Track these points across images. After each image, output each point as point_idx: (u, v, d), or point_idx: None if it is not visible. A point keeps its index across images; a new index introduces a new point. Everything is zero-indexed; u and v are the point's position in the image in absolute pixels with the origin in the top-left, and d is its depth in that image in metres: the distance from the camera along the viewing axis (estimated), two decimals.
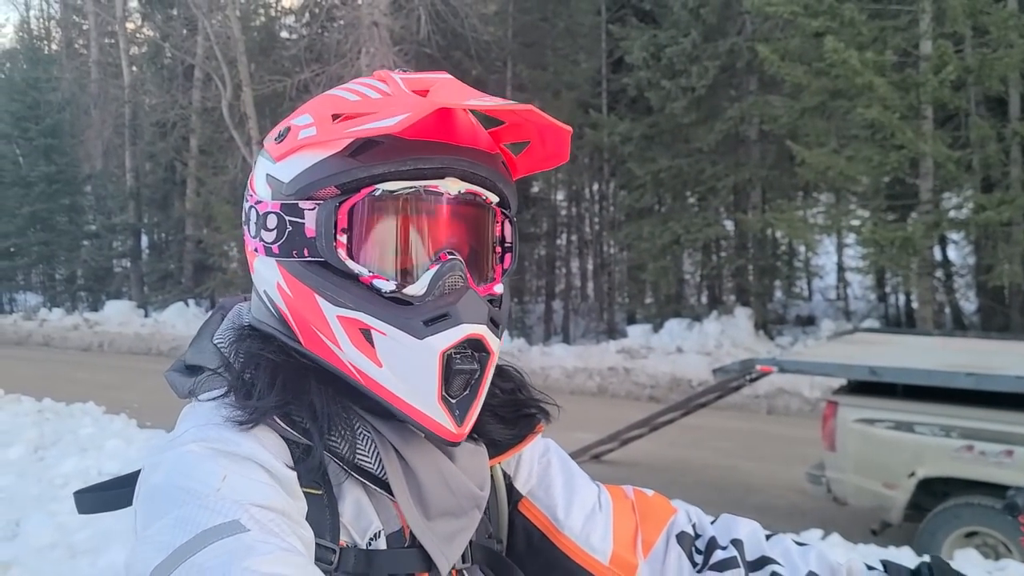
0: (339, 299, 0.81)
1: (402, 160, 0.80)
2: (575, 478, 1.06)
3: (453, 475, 0.88)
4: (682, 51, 14.40)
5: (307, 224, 0.82)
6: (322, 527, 0.81)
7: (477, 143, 0.85)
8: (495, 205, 0.89)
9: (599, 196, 20.75)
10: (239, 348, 0.89)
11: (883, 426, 5.21)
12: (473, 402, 0.84)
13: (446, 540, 0.87)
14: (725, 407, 9.57)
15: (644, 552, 1.02)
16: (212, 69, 20.48)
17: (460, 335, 0.80)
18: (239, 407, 0.81)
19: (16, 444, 6.99)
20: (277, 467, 0.78)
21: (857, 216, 14.08)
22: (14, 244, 25.30)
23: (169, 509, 0.71)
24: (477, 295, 0.83)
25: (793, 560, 0.98)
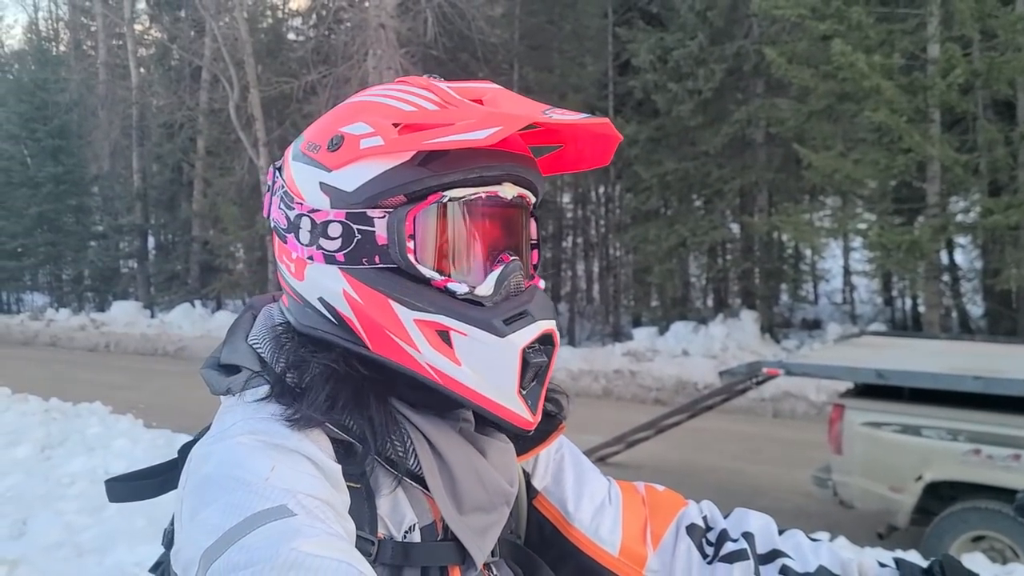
0: (416, 303, 0.84)
1: (469, 168, 0.84)
2: (586, 472, 1.08)
3: (486, 471, 0.91)
4: (689, 54, 14.39)
5: (378, 232, 0.84)
6: (362, 519, 0.84)
7: (524, 148, 0.90)
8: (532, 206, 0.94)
9: (605, 199, 20.75)
10: (282, 350, 0.90)
11: (890, 429, 5.19)
12: (541, 391, 0.89)
13: (479, 534, 0.90)
14: (731, 410, 9.55)
15: (653, 544, 1.04)
16: (219, 71, 20.54)
17: (538, 331, 0.86)
18: (289, 407, 0.84)
19: (23, 443, 7.02)
20: (323, 460, 0.80)
21: (864, 220, 14.05)
22: (21, 244, 25.42)
23: (219, 496, 0.74)
24: (544, 293, 0.90)
25: (804, 554, 0.99)
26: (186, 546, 0.74)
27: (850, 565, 0.97)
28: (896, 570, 0.95)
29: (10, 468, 6.41)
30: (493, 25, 17.35)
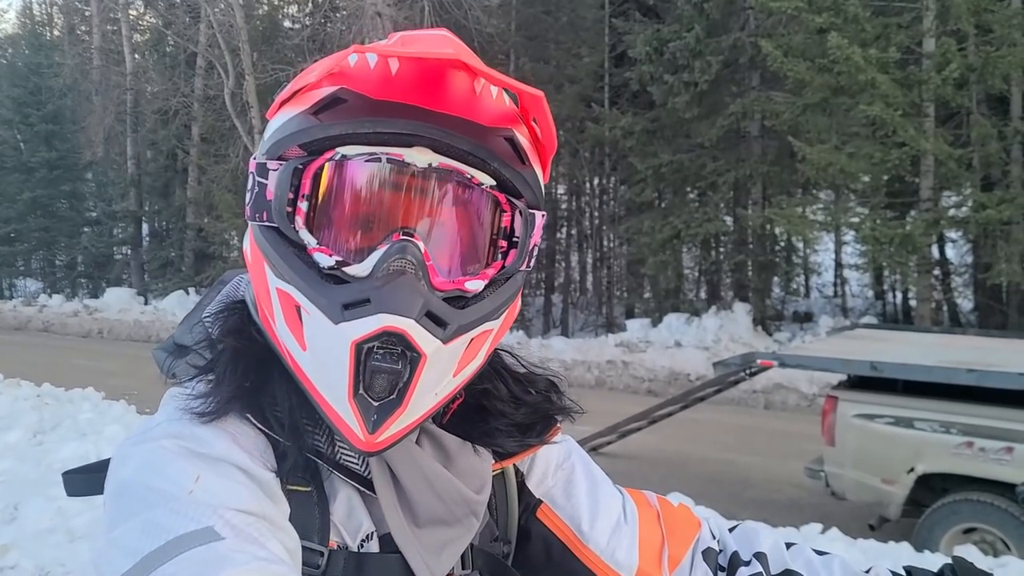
0: (280, 269, 0.73)
1: (361, 121, 0.71)
2: (599, 485, 0.99)
3: (441, 480, 0.80)
4: (685, 46, 14.37)
5: (269, 186, 0.74)
6: (309, 528, 0.76)
7: (468, 112, 0.73)
8: (492, 189, 0.76)
9: (599, 190, 20.75)
10: (220, 325, 0.82)
11: (883, 422, 5.22)
12: (397, 409, 0.72)
13: (434, 551, 0.80)
14: (723, 402, 9.58)
15: (670, 569, 0.96)
16: (215, 57, 20.44)
17: (376, 326, 0.69)
18: (203, 396, 0.76)
19: (15, 428, 7.00)
20: (254, 468, 0.73)
21: (857, 213, 14.10)
22: (14, 230, 25.32)
23: (138, 510, 0.67)
24: (413, 282, 0.71)
25: (817, 571, 0.94)
26: (103, 564, 0.67)
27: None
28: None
29: (2, 453, 6.38)
30: (490, 15, 17.29)
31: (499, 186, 0.77)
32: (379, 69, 0.71)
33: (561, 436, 1.00)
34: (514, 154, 0.76)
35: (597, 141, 17.53)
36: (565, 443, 1.01)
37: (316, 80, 0.73)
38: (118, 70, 24.38)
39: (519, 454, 0.91)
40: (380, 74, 0.71)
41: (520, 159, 0.77)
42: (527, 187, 0.78)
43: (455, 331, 0.73)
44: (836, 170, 12.14)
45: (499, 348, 0.91)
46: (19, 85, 25.54)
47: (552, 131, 0.78)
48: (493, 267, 0.78)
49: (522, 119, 0.78)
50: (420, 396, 0.73)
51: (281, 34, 21.19)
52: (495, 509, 0.93)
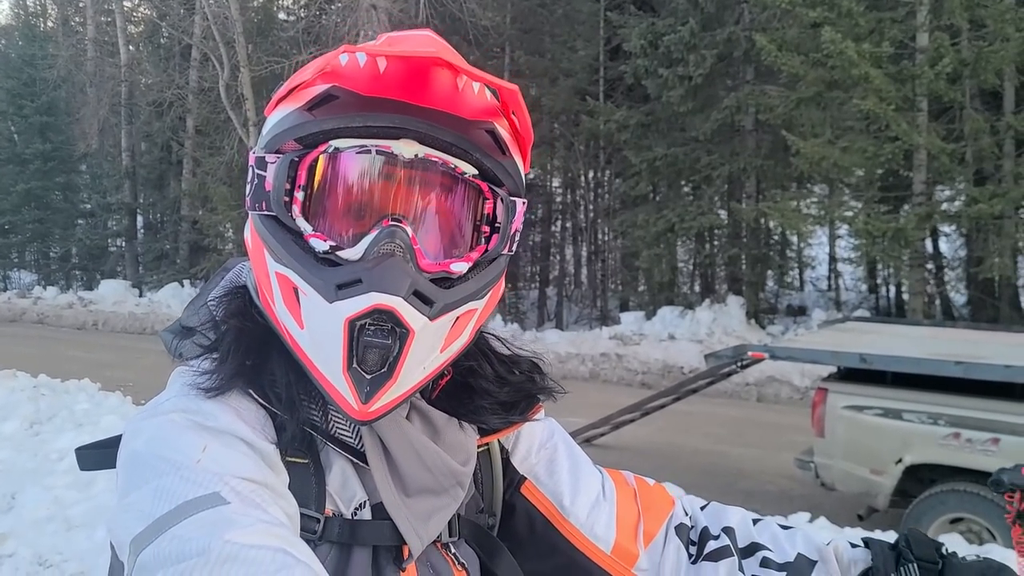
0: (279, 254, 0.79)
1: (352, 116, 0.77)
2: (580, 465, 1.04)
3: (429, 452, 0.86)
4: (680, 39, 14.40)
5: (268, 177, 0.80)
6: (307, 496, 0.81)
7: (451, 107, 0.78)
8: (475, 178, 0.82)
9: (594, 183, 20.78)
10: (224, 308, 0.88)
11: (871, 413, 5.28)
12: (387, 382, 0.77)
13: (422, 518, 0.85)
14: (715, 394, 9.65)
15: (645, 543, 1.01)
16: (210, 49, 20.39)
17: (367, 304, 0.74)
18: (208, 373, 0.81)
19: (12, 419, 7.02)
20: (255, 440, 0.78)
21: (850, 207, 14.16)
22: (9, 222, 25.30)
23: (149, 478, 0.72)
24: (401, 264, 0.76)
25: (781, 544, 0.99)
26: (117, 527, 0.72)
27: (825, 549, 0.97)
28: (866, 549, 0.96)
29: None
30: (485, 7, 17.29)
31: (481, 175, 0.82)
32: (368, 67, 0.76)
33: (545, 418, 1.05)
34: (495, 145, 0.82)
35: (592, 134, 17.55)
36: (548, 424, 1.06)
37: (310, 78, 0.78)
38: (112, 61, 24.31)
39: (503, 430, 0.97)
40: (369, 72, 0.76)
41: (501, 150, 0.82)
42: (508, 176, 0.84)
43: (441, 309, 0.78)
44: (829, 164, 12.20)
45: (485, 331, 0.98)
46: (13, 76, 25.45)
47: (528, 123, 0.83)
48: (477, 251, 0.83)
49: (502, 112, 0.82)
50: (409, 369, 0.78)
51: (276, 26, 21.16)
52: (481, 483, 0.98)
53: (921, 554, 0.91)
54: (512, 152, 0.85)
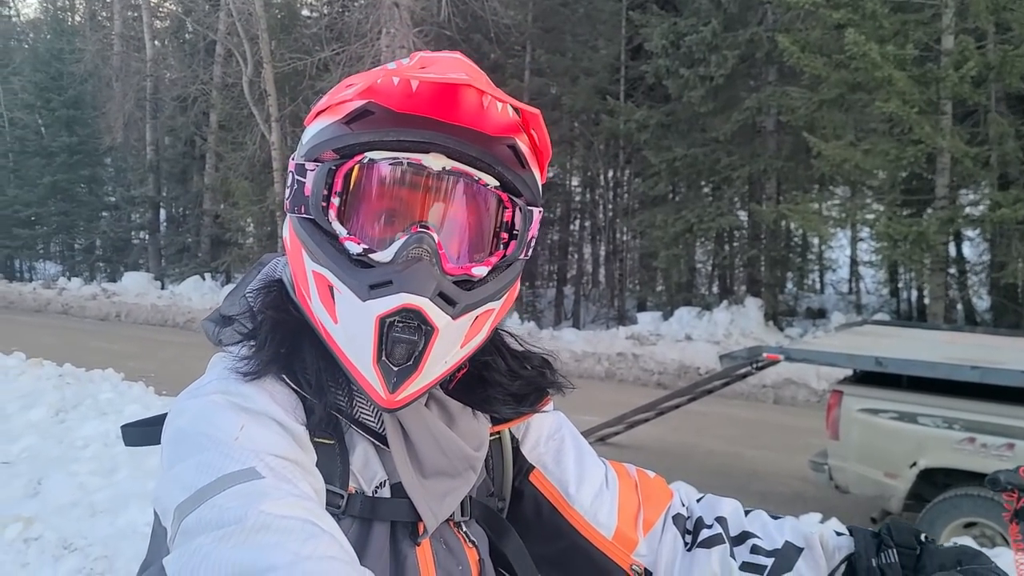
0: (316, 255, 0.86)
1: (386, 131, 0.84)
2: (585, 456, 1.11)
3: (445, 437, 0.93)
4: (702, 40, 14.37)
5: (307, 184, 0.87)
6: (332, 474, 0.88)
7: (477, 124, 0.86)
8: (496, 189, 0.89)
9: (614, 183, 20.77)
10: (261, 300, 0.95)
11: (887, 416, 5.28)
12: (413, 374, 0.84)
13: (437, 497, 0.92)
14: (732, 396, 9.65)
15: (644, 530, 1.08)
16: (234, 45, 20.57)
17: (397, 303, 0.81)
18: (246, 359, 0.89)
19: (38, 406, 7.17)
20: (288, 422, 0.85)
21: (872, 210, 14.07)
22: (35, 213, 25.60)
23: (192, 452, 0.79)
24: (428, 267, 0.83)
25: (770, 532, 1.05)
26: (163, 496, 0.79)
27: (812, 537, 1.03)
28: (850, 536, 1.02)
29: (25, 430, 6.56)
30: (507, 6, 17.34)
31: (502, 186, 0.90)
32: (402, 87, 0.83)
33: (554, 411, 1.13)
34: (515, 159, 0.89)
35: (612, 134, 17.55)
36: (557, 417, 1.14)
37: (350, 96, 0.86)
38: (138, 57, 24.59)
39: (513, 420, 1.04)
40: (403, 91, 0.83)
41: (520, 164, 0.90)
42: (526, 187, 0.91)
43: (463, 309, 0.86)
44: (851, 166, 12.14)
45: (500, 328, 1.05)
46: (41, 70, 25.75)
47: (547, 140, 0.91)
48: (496, 255, 0.91)
49: (523, 129, 0.89)
50: (433, 363, 0.86)
51: (299, 23, 21.28)
52: (492, 469, 1.06)
53: (901, 540, 0.97)
54: (531, 166, 0.92)
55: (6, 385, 8.19)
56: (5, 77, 26.87)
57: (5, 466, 5.75)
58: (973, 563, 0.91)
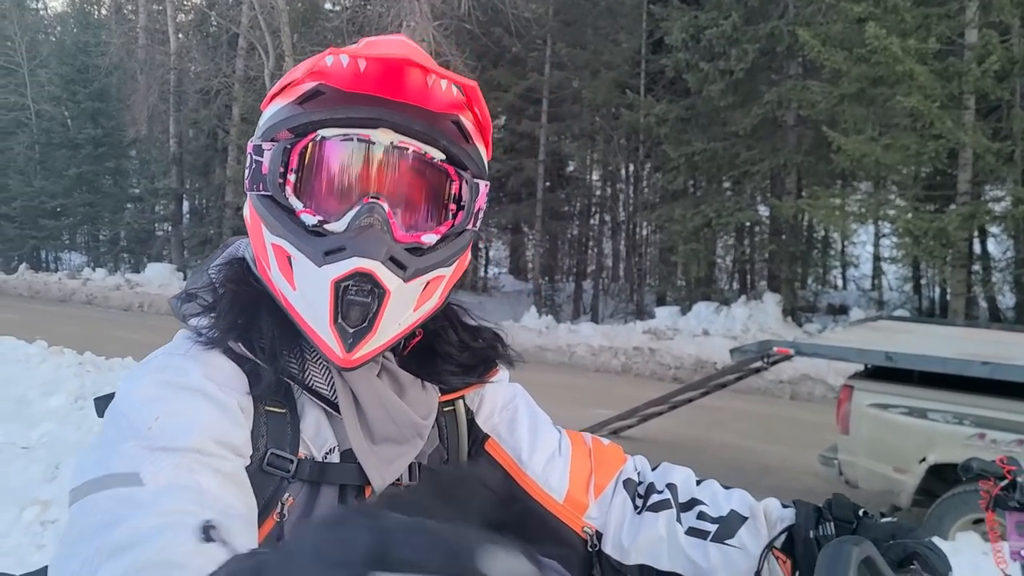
0: (273, 228, 0.91)
1: (336, 109, 0.89)
2: (539, 424, 1.16)
3: (395, 406, 0.97)
4: (722, 33, 14.30)
5: (264, 162, 0.92)
6: (282, 441, 0.93)
7: (422, 101, 0.90)
8: (442, 162, 0.93)
9: (633, 177, 20.73)
10: (223, 275, 1.00)
11: (897, 411, 5.26)
12: (368, 334, 0.90)
13: (385, 462, 0.97)
14: (748, 391, 9.63)
15: (595, 494, 1.13)
16: (256, 39, 20.73)
17: (350, 267, 0.86)
18: (206, 328, 0.93)
19: (58, 393, 7.30)
20: (219, 395, 0.88)
21: (894, 206, 13.95)
22: (61, 204, 25.91)
23: (107, 437, 0.82)
24: (379, 234, 0.88)
25: (718, 501, 1.09)
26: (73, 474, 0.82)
27: (756, 507, 1.07)
28: (794, 508, 1.06)
29: (45, 416, 6.69)
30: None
31: (448, 160, 0.94)
32: (350, 67, 0.88)
33: (510, 383, 1.19)
34: (460, 134, 0.94)
35: (632, 128, 17.52)
36: (512, 388, 1.19)
37: (300, 77, 0.91)
38: (162, 50, 24.80)
39: (461, 390, 1.09)
40: (351, 71, 0.88)
41: (465, 138, 0.95)
42: (471, 161, 0.96)
43: (413, 273, 0.91)
44: (871, 161, 12.04)
45: (454, 303, 1.10)
46: (67, 63, 26.06)
47: (488, 115, 0.97)
48: (445, 225, 0.95)
49: (467, 106, 0.94)
50: (386, 324, 0.91)
51: (321, 16, 21.41)
52: (447, 439, 1.11)
53: (839, 514, 1.02)
54: (475, 140, 0.97)
55: (28, 372, 8.35)
56: (33, 70, 27.18)
57: (24, 451, 5.87)
58: (907, 537, 0.95)
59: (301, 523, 0.92)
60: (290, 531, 0.92)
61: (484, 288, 23.29)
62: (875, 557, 0.75)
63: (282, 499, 0.92)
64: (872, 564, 0.76)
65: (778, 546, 1.04)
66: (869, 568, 0.76)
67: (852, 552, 0.71)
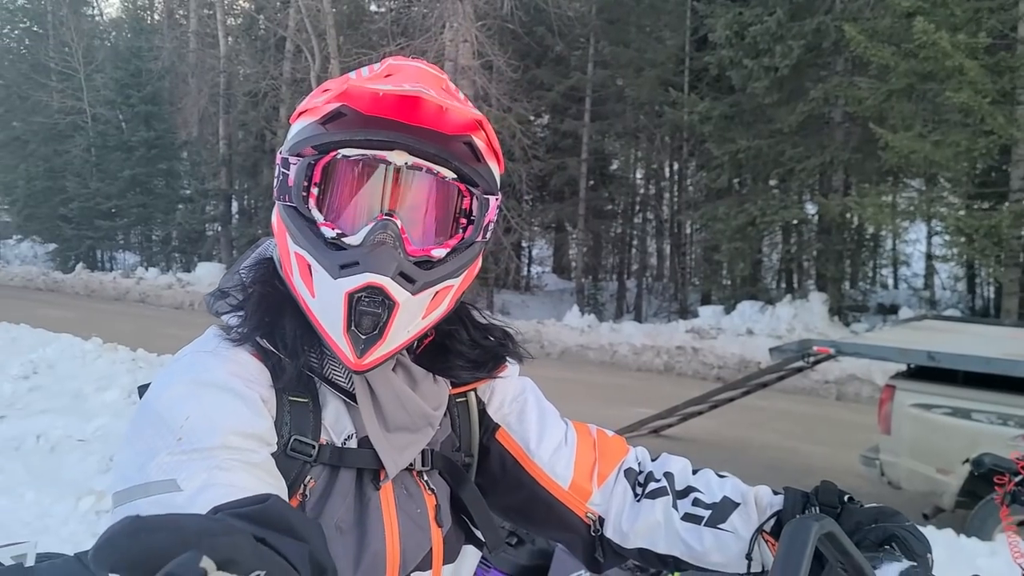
0: (296, 237, 0.98)
1: (355, 131, 0.96)
2: (547, 416, 1.24)
3: (407, 397, 1.04)
4: (766, 30, 14.14)
5: (290, 175, 0.99)
6: (305, 428, 1.00)
7: (436, 125, 0.97)
8: (454, 180, 1.00)
9: (677, 175, 20.59)
10: (252, 276, 1.08)
11: (940, 412, 5.19)
12: (378, 341, 0.96)
13: (398, 449, 1.04)
14: (792, 391, 9.54)
15: (599, 482, 1.20)
16: (302, 41, 21.06)
17: (362, 281, 0.93)
18: (235, 327, 1.02)
19: (112, 388, 7.55)
20: (244, 390, 0.95)
21: (946, 203, 13.66)
22: (115, 205, 26.56)
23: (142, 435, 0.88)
24: (391, 251, 0.95)
25: (712, 488, 1.17)
26: (115, 469, 0.88)
27: (748, 494, 1.14)
28: (783, 495, 1.12)
29: (100, 410, 6.93)
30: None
31: (460, 178, 1.01)
32: (371, 92, 0.95)
33: (520, 377, 1.26)
34: (471, 155, 1.01)
35: (675, 126, 17.42)
36: (522, 382, 1.26)
37: (325, 100, 0.99)
38: (212, 53, 25.33)
39: (471, 383, 1.17)
40: (371, 96, 0.95)
41: (476, 158, 1.02)
42: (482, 178, 1.03)
43: (421, 286, 0.98)
44: (920, 158, 11.83)
45: (468, 304, 1.18)
46: (121, 68, 26.65)
47: (495, 140, 1.04)
48: (455, 238, 1.02)
49: (482, 127, 1.00)
50: (396, 332, 0.98)
51: (366, 18, 21.68)
52: (459, 428, 1.18)
53: (825, 500, 1.07)
54: (487, 159, 1.04)
55: (84, 368, 8.64)
56: (88, 75, 27.92)
57: (80, 443, 6.10)
58: (889, 521, 1.00)
59: (320, 503, 1.00)
60: (312, 509, 0.99)
61: (527, 287, 23.33)
62: (837, 533, 0.80)
63: (304, 481, 0.99)
64: (835, 539, 0.80)
65: (767, 530, 1.10)
66: (832, 543, 0.80)
67: (812, 527, 0.75)
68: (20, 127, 30.84)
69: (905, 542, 0.96)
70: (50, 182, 28.57)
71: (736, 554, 1.11)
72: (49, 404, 7.31)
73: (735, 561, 1.12)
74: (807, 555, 0.72)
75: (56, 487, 5.17)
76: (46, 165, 28.98)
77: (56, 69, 28.90)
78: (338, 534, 0.99)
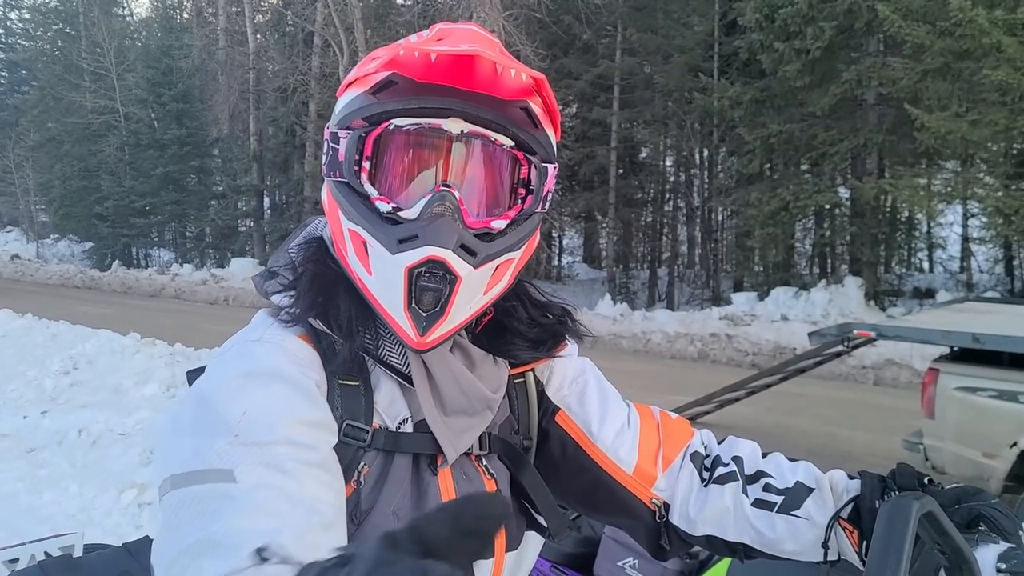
0: (349, 214, 0.94)
1: (408, 99, 0.91)
2: (609, 397, 1.18)
3: (466, 379, 1.00)
4: (797, 12, 13.92)
5: (340, 150, 0.95)
6: (357, 412, 0.96)
7: (492, 90, 0.92)
8: (512, 148, 0.96)
9: (708, 162, 20.40)
10: (302, 255, 1.04)
11: (985, 395, 5.08)
12: (440, 318, 0.93)
13: (457, 433, 1.00)
14: (830, 376, 9.41)
15: (663, 467, 1.15)
16: (330, 36, 21.14)
17: (422, 255, 0.89)
18: (286, 308, 0.97)
19: (151, 382, 7.65)
20: (296, 376, 0.91)
21: (983, 184, 13.38)
22: (149, 203, 26.93)
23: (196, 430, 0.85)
24: (450, 222, 0.90)
25: (784, 473, 1.11)
26: (164, 455, 0.85)
27: (822, 479, 1.08)
28: (859, 480, 1.07)
29: (140, 404, 7.03)
30: None
31: (517, 146, 0.96)
32: (422, 58, 0.90)
33: (579, 357, 1.21)
34: (529, 120, 0.96)
35: (705, 112, 17.24)
36: (582, 362, 1.21)
37: (375, 68, 0.94)
38: (242, 50, 25.52)
39: (530, 363, 1.12)
40: (423, 62, 0.90)
41: (534, 124, 0.97)
42: (540, 146, 0.98)
43: (483, 259, 0.93)
44: (957, 138, 11.59)
45: (524, 280, 1.12)
46: (152, 66, 26.95)
47: (554, 102, 0.97)
48: (514, 209, 0.98)
49: (536, 91, 0.95)
50: (458, 308, 0.94)
51: (393, 11, 21.69)
52: (517, 410, 1.14)
53: (903, 483, 1.02)
54: (544, 125, 0.98)
55: (123, 363, 8.77)
56: (120, 74, 28.28)
57: (121, 437, 6.19)
58: (972, 500, 0.95)
59: (376, 490, 0.97)
60: (368, 496, 0.96)
61: (558, 277, 23.28)
62: (937, 513, 0.76)
63: (359, 468, 0.96)
64: (934, 519, 0.76)
65: (845, 516, 1.04)
66: (932, 523, 0.76)
67: (913, 506, 0.71)
68: (55, 128, 31.33)
69: (995, 521, 0.92)
70: (85, 181, 29.04)
71: (811, 542, 1.06)
72: (90, 399, 7.43)
73: (810, 549, 1.07)
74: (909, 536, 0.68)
75: (99, 480, 5.26)
76: (81, 165, 29.45)
77: (89, 69, 29.35)
78: (395, 521, 0.96)
